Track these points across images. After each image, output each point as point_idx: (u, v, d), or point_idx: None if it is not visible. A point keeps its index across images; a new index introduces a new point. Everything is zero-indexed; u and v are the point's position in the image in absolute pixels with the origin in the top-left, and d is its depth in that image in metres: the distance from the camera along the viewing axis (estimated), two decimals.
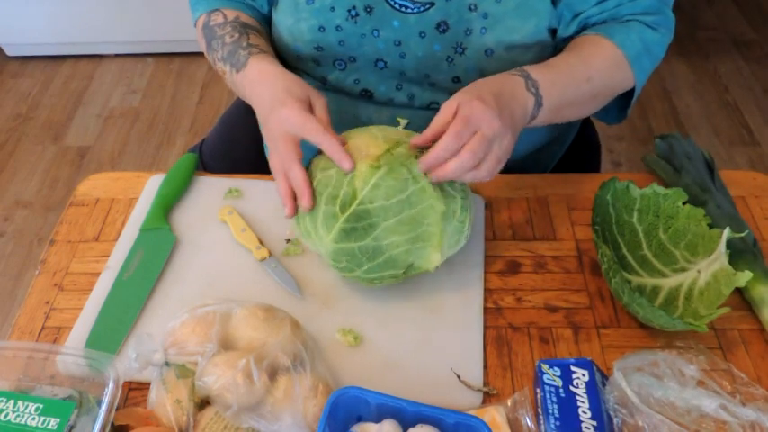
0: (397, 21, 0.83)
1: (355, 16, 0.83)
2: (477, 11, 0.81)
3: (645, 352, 0.68)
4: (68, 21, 2.40)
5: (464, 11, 0.81)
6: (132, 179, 0.94)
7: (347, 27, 0.84)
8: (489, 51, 0.83)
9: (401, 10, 0.82)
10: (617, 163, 2.06)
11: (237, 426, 0.62)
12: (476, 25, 0.82)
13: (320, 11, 0.83)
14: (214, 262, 0.83)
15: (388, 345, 0.73)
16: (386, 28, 0.83)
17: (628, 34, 0.82)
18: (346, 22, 0.83)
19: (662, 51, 0.86)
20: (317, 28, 0.84)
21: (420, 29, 0.83)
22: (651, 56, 0.84)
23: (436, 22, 0.82)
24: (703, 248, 0.77)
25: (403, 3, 0.82)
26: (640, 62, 0.83)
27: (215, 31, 0.87)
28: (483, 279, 0.79)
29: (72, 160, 2.16)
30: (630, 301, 0.70)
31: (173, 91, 2.41)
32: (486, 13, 0.81)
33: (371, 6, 0.82)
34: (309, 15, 0.84)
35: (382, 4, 0.82)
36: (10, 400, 0.64)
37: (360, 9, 0.82)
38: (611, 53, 0.82)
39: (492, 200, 0.89)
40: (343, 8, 0.82)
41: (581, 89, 0.80)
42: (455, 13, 0.81)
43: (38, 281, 0.82)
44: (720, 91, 2.30)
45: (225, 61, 0.84)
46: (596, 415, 0.62)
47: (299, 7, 0.84)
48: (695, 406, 0.64)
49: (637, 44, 0.82)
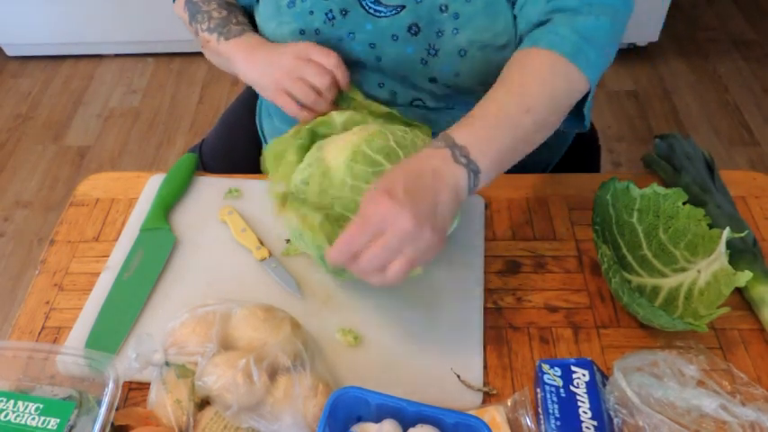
0: (369, 24, 0.83)
1: (332, 19, 0.84)
2: (447, 11, 0.81)
3: (645, 352, 0.68)
4: (68, 21, 2.40)
5: (435, 12, 0.81)
6: (132, 179, 0.94)
7: (325, 30, 0.85)
8: (463, 52, 0.82)
9: (374, 14, 0.83)
10: (617, 163, 2.06)
11: (237, 426, 0.62)
12: (447, 26, 0.82)
13: (300, 14, 0.84)
14: (214, 262, 0.83)
15: (388, 345, 0.73)
16: (360, 31, 0.84)
17: (555, 32, 0.74)
18: (324, 25, 0.84)
19: (608, 37, 0.75)
20: (297, 31, 0.85)
21: (392, 32, 0.83)
22: (595, 45, 0.73)
23: (408, 25, 0.82)
24: (703, 248, 0.77)
25: (375, 6, 0.82)
26: (583, 55, 0.73)
27: (199, 5, 0.90)
28: (483, 279, 0.79)
29: (72, 160, 2.16)
30: (630, 301, 0.70)
31: (173, 91, 2.41)
32: (456, 13, 0.81)
33: (347, 9, 0.83)
34: (291, 19, 0.85)
35: (356, 8, 0.83)
36: (10, 400, 0.64)
37: (336, 12, 0.83)
38: (543, 61, 0.73)
39: (492, 200, 0.89)
40: (321, 11, 0.84)
41: (522, 126, 0.70)
42: (426, 14, 0.82)
43: (38, 281, 0.82)
44: (720, 91, 2.30)
45: (212, 31, 0.88)
46: (597, 415, 0.62)
47: (280, 11, 0.85)
48: (695, 406, 0.64)
49: (570, 37, 0.73)
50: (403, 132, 0.76)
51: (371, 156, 0.72)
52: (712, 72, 2.38)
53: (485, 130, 0.68)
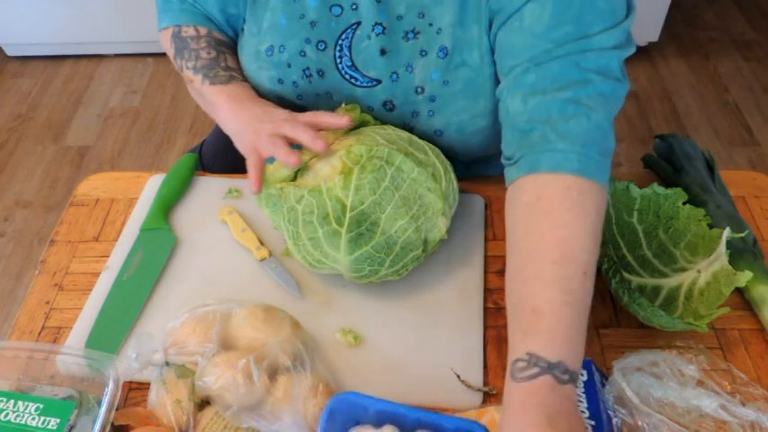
0: (346, 90, 0.82)
1: (309, 76, 0.82)
2: (423, 94, 0.79)
3: (645, 352, 0.68)
4: (68, 21, 2.40)
5: (410, 93, 0.79)
6: (132, 179, 0.94)
7: (303, 85, 0.83)
8: (439, 132, 0.82)
9: (350, 80, 0.81)
10: (617, 163, 2.06)
11: (237, 426, 0.62)
12: (423, 108, 0.80)
13: (278, 64, 0.82)
14: (214, 262, 0.83)
15: (388, 345, 0.73)
16: (338, 93, 0.83)
17: (553, 149, 0.63)
18: (302, 80, 0.83)
19: (605, 130, 0.65)
20: (276, 79, 0.84)
21: (368, 103, 0.82)
22: (596, 147, 0.63)
23: (382, 101, 0.81)
24: (703, 248, 0.77)
25: (352, 74, 0.81)
26: (593, 164, 0.63)
27: (187, 42, 0.87)
28: (483, 279, 0.79)
29: (72, 160, 2.16)
30: (630, 301, 0.70)
31: (173, 91, 2.41)
32: (433, 96, 0.79)
33: (324, 71, 0.81)
34: (269, 66, 0.83)
35: (333, 71, 0.81)
36: (10, 400, 0.64)
37: (313, 71, 0.82)
38: (558, 194, 0.62)
39: (492, 200, 0.89)
40: (299, 67, 0.82)
41: (587, 293, 0.59)
42: (401, 94, 0.80)
43: (38, 281, 0.82)
44: (720, 91, 2.30)
45: (197, 71, 0.84)
46: (595, 415, 0.62)
47: (259, 56, 0.83)
48: (695, 406, 0.64)
49: (570, 145, 0.63)
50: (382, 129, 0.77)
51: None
52: (712, 72, 2.37)
53: (563, 330, 0.56)
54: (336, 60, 0.80)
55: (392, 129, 0.79)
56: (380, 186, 0.71)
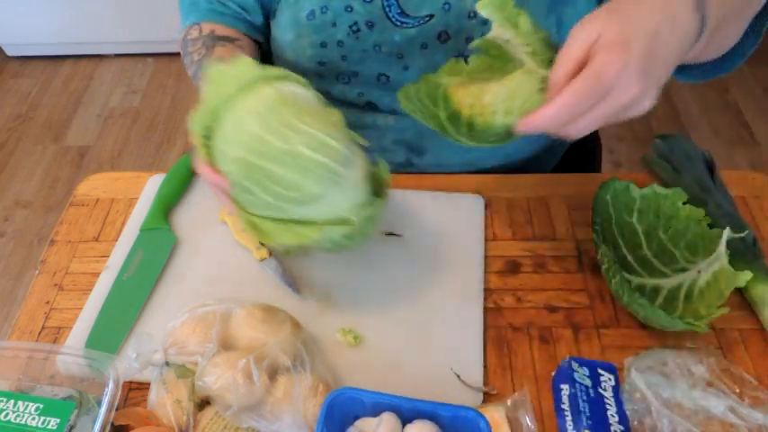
0: (398, 35, 0.83)
1: (357, 32, 0.83)
2: (476, 18, 0.80)
3: (657, 351, 0.68)
4: (68, 21, 2.40)
5: (463, 19, 0.81)
6: (132, 179, 0.94)
7: (349, 43, 0.84)
8: None
9: (401, 26, 0.82)
10: (617, 163, 2.06)
11: (237, 426, 0.62)
12: (476, 32, 0.81)
13: (321, 27, 0.83)
14: (214, 262, 0.83)
15: (388, 345, 0.73)
16: (387, 43, 0.83)
17: None
18: (348, 37, 0.83)
19: None
20: (318, 44, 0.84)
21: (422, 41, 0.83)
22: None
23: (437, 32, 0.82)
24: (703, 248, 0.77)
25: (402, 19, 0.82)
26: None
27: (188, 46, 0.88)
28: (483, 279, 0.79)
29: (72, 160, 2.16)
30: (631, 301, 0.70)
31: (173, 91, 2.41)
32: (485, 20, 0.80)
33: (373, 22, 0.82)
34: (311, 31, 0.84)
35: (383, 20, 0.82)
36: (10, 400, 0.64)
37: (361, 24, 0.82)
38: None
39: (492, 200, 0.89)
40: (345, 24, 0.82)
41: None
42: (455, 22, 0.81)
43: (38, 281, 0.82)
44: (720, 91, 2.30)
45: (195, 79, 0.85)
46: (623, 420, 0.62)
47: (299, 23, 0.84)
48: (703, 407, 0.63)
49: None
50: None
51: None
52: None
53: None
54: (386, 9, 0.81)
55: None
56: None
